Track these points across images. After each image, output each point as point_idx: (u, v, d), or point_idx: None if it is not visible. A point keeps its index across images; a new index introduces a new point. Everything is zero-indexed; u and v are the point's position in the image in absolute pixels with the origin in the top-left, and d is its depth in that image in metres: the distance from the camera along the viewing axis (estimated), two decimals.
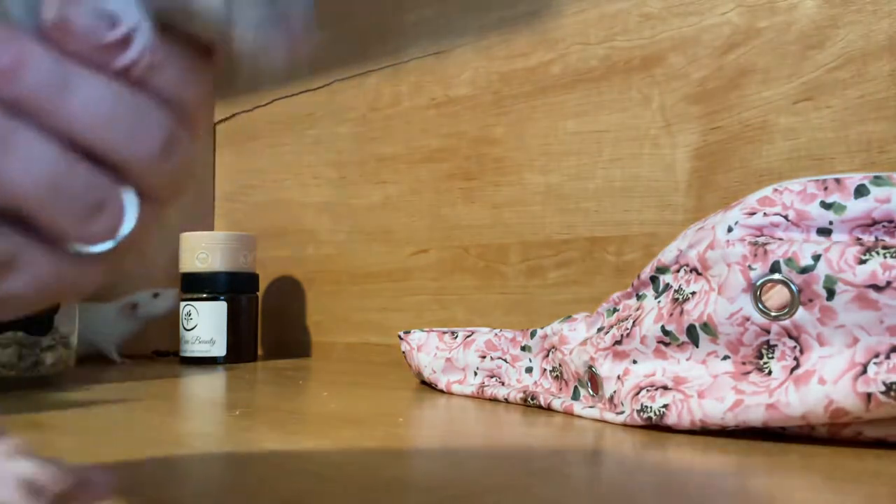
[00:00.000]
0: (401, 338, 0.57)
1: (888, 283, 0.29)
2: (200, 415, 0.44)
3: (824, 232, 0.32)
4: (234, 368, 0.71)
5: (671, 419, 0.34)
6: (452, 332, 0.53)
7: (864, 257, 0.30)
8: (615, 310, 0.42)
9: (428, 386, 0.54)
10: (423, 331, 0.55)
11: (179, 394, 0.53)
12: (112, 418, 0.41)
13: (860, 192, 0.32)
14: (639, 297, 0.40)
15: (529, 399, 0.44)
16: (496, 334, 0.50)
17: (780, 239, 0.33)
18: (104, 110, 0.15)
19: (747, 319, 0.33)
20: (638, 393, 0.36)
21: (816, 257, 0.31)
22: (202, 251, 0.77)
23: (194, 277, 0.77)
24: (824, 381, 0.30)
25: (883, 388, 0.28)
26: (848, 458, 0.29)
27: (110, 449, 0.32)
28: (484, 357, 0.50)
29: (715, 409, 0.33)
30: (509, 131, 0.69)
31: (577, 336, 0.43)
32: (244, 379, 0.62)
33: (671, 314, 0.36)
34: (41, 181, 0.15)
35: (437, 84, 0.75)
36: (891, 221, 0.31)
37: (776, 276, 0.32)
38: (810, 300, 0.31)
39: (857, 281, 0.30)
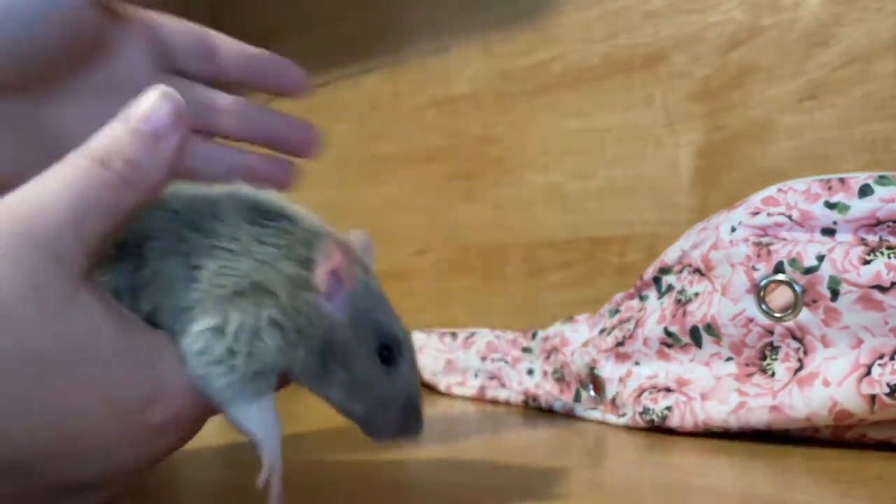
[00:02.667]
0: None
1: (893, 284, 0.29)
2: None
3: (828, 232, 0.32)
4: None
5: (674, 421, 0.34)
6: (453, 334, 0.53)
7: (868, 258, 0.29)
8: (617, 311, 0.42)
9: (428, 388, 0.54)
10: (423, 332, 0.55)
11: None
12: None
13: (864, 191, 0.31)
14: (641, 298, 0.40)
15: (531, 401, 0.44)
16: (497, 336, 0.50)
17: (784, 239, 0.33)
18: None
19: (751, 320, 0.32)
20: (640, 395, 0.36)
21: (820, 258, 0.30)
22: None
23: None
24: (828, 382, 0.30)
25: (887, 390, 0.28)
26: (851, 460, 0.29)
27: None
28: (485, 359, 0.49)
29: (718, 411, 0.33)
30: (510, 130, 0.69)
31: (578, 337, 0.43)
32: None
33: (674, 315, 0.35)
34: None
35: (437, 83, 0.74)
36: (895, 221, 0.31)
37: (780, 276, 0.31)
38: (814, 301, 0.30)
39: (861, 281, 0.29)
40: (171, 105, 0.20)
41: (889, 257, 0.29)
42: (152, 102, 0.20)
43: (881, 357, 0.29)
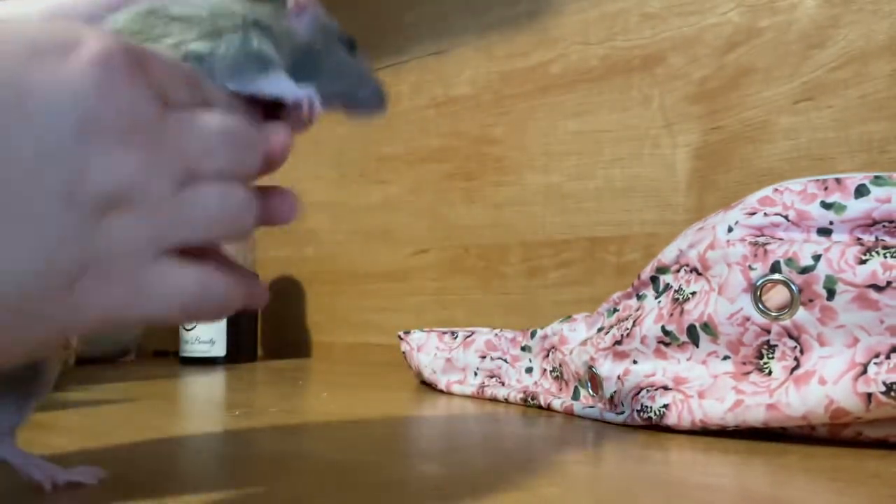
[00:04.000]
0: (401, 338, 0.57)
1: (888, 283, 0.29)
2: (200, 415, 0.44)
3: (825, 232, 0.32)
4: (234, 369, 0.71)
5: (671, 419, 0.34)
6: (452, 333, 0.53)
7: (864, 257, 0.30)
8: (615, 310, 0.42)
9: (428, 386, 0.54)
10: (422, 331, 0.55)
11: (179, 394, 0.53)
12: (112, 418, 0.41)
13: (860, 191, 0.32)
14: (639, 298, 0.40)
15: (529, 399, 0.44)
16: (496, 334, 0.50)
17: (781, 239, 0.33)
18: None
19: (747, 319, 0.33)
20: (638, 393, 0.36)
21: (817, 257, 0.31)
22: None
23: None
24: (825, 381, 0.30)
25: (883, 389, 0.28)
26: (848, 458, 0.29)
27: (110, 449, 0.32)
28: (484, 357, 0.50)
29: (715, 410, 0.33)
30: (509, 131, 0.69)
31: (577, 336, 0.43)
32: (244, 379, 0.62)
33: (671, 314, 0.36)
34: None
35: (437, 84, 0.75)
36: (891, 221, 0.31)
37: (776, 276, 0.32)
38: (811, 300, 0.31)
39: (857, 281, 0.30)
40: None
41: (885, 257, 0.29)
42: None
43: (877, 356, 0.29)
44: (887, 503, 0.23)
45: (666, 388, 0.35)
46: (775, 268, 0.32)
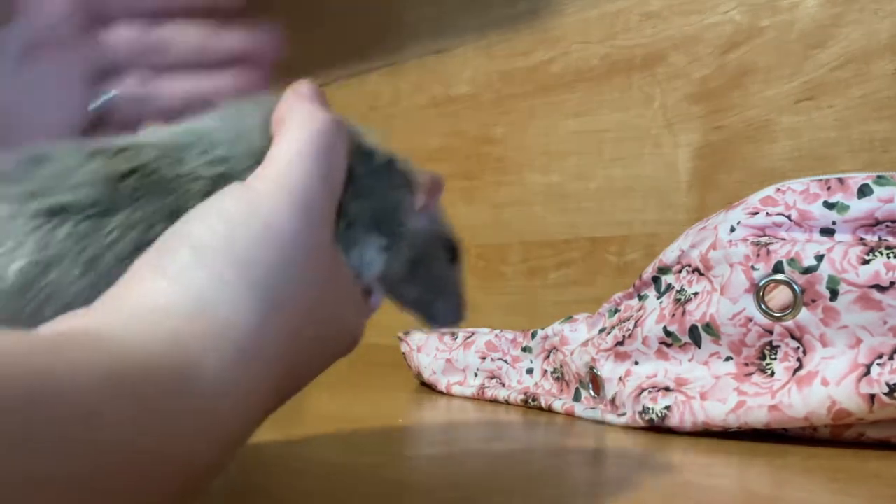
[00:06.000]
0: (401, 338, 0.56)
1: (891, 284, 0.29)
2: None
3: (827, 232, 0.32)
4: None
5: (673, 421, 0.34)
6: (452, 333, 0.53)
7: (867, 257, 0.30)
8: (617, 310, 0.42)
9: (428, 387, 0.54)
10: (423, 331, 0.55)
11: None
12: None
13: (863, 191, 0.32)
14: (640, 298, 0.40)
15: (530, 400, 0.44)
16: (496, 335, 0.50)
17: (783, 239, 0.33)
18: None
19: (750, 320, 0.32)
20: (640, 394, 0.36)
21: (819, 257, 0.30)
22: None
23: None
24: (827, 382, 0.30)
25: (886, 390, 0.28)
26: (850, 459, 0.29)
27: None
28: (484, 358, 0.50)
29: (717, 411, 0.33)
30: (510, 131, 0.69)
31: (578, 337, 0.43)
32: None
33: (673, 315, 0.36)
34: None
35: (437, 83, 0.74)
36: (894, 221, 0.31)
37: (779, 276, 0.31)
38: (813, 301, 0.31)
39: (860, 281, 0.29)
40: None
41: (888, 257, 0.29)
42: None
43: (880, 357, 0.29)
44: (888, 503, 0.23)
45: (668, 389, 0.35)
46: (778, 268, 0.32)
